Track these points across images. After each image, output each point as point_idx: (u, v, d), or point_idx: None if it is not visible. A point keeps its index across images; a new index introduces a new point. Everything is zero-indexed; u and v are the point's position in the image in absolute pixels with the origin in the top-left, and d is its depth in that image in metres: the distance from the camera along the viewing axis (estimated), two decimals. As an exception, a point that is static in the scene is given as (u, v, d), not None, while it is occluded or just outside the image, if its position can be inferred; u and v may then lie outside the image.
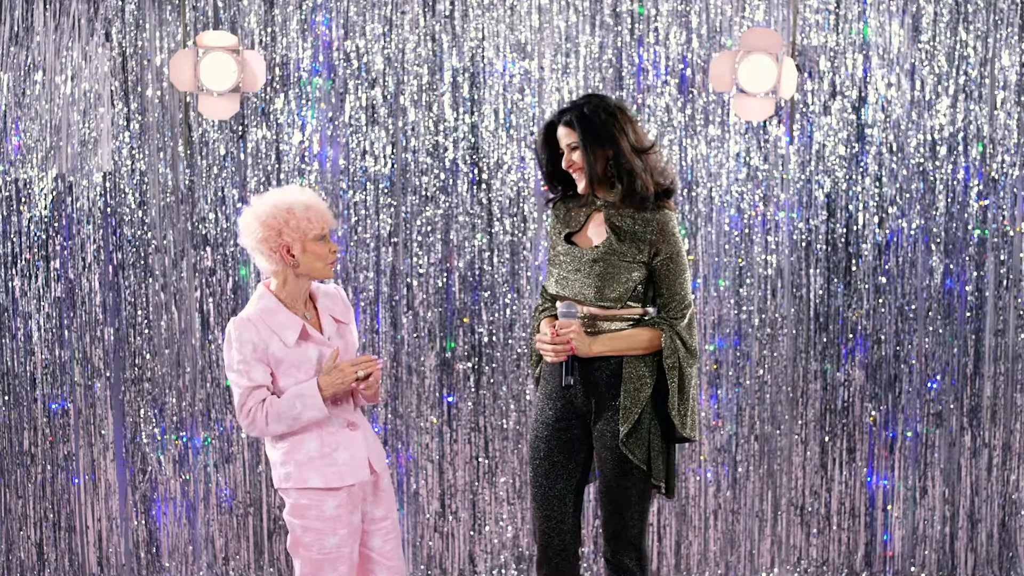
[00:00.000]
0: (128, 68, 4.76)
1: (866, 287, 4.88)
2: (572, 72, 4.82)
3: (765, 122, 4.79)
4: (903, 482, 4.97)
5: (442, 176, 4.86)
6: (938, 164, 4.84)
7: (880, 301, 4.89)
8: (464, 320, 4.91)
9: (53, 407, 4.84)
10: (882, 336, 4.90)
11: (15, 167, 4.74)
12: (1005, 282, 4.86)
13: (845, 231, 4.88)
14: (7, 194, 4.75)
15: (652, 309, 3.46)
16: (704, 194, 4.86)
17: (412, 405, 4.94)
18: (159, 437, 4.91)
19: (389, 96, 4.82)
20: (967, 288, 4.87)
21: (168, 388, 4.89)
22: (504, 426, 4.95)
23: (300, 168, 4.83)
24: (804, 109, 4.83)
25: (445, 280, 4.90)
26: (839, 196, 4.86)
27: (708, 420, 4.94)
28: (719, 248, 4.88)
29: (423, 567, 5.00)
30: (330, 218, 3.30)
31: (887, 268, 4.88)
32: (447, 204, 4.87)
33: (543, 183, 3.59)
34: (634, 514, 3.45)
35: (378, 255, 4.88)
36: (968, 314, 4.88)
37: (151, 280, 4.85)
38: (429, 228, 4.88)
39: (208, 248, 4.84)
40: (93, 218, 4.80)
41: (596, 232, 3.47)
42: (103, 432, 4.88)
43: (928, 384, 4.93)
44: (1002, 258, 4.85)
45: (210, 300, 4.86)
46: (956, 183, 4.85)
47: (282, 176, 4.82)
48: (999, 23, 4.76)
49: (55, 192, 4.77)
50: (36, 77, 4.70)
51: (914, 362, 4.91)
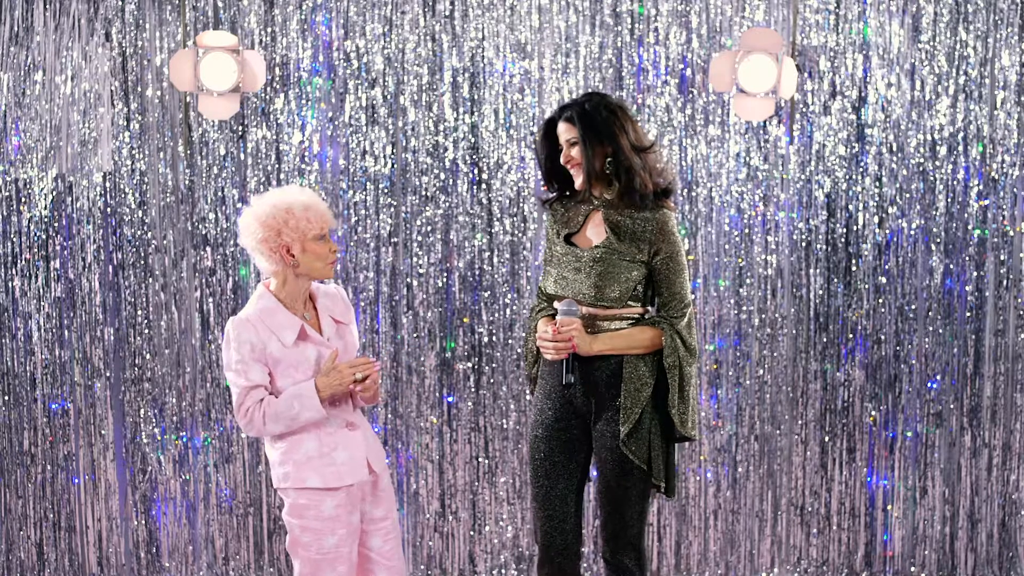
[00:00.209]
0: (128, 68, 4.76)
1: (866, 287, 4.88)
2: (572, 72, 4.82)
3: (765, 122, 4.79)
4: (903, 482, 4.97)
5: (442, 176, 4.86)
6: (938, 164, 4.84)
7: (880, 301, 4.89)
8: (464, 320, 4.91)
9: (53, 407, 4.84)
10: (882, 336, 4.90)
11: (15, 167, 4.74)
12: (1005, 282, 4.86)
13: (845, 231, 4.88)
14: (7, 194, 4.75)
15: (652, 309, 3.46)
16: (704, 194, 4.86)
17: (412, 405, 4.94)
18: (159, 437, 4.91)
19: (389, 96, 4.82)
20: (967, 288, 4.87)
21: (168, 388, 4.88)
22: (504, 426, 4.95)
23: (300, 168, 4.83)
24: (804, 109, 4.83)
25: (445, 280, 4.90)
26: (839, 196, 4.86)
27: (708, 420, 4.94)
28: (719, 248, 4.88)
29: (423, 567, 5.00)
30: (330, 218, 3.30)
31: (887, 268, 4.88)
32: (447, 204, 4.86)
33: (542, 182, 3.60)
34: (633, 514, 3.45)
35: (378, 255, 4.88)
36: (968, 314, 4.88)
37: (151, 280, 4.85)
38: (429, 228, 4.88)
39: (208, 248, 4.84)
40: (93, 218, 4.80)
41: (595, 232, 3.47)
42: (103, 432, 4.88)
43: (928, 384, 4.93)
44: (1002, 258, 4.85)
45: (210, 300, 4.86)
46: (956, 183, 4.85)
47: (282, 176, 4.82)
48: (999, 23, 4.76)
49: (55, 192, 4.77)
50: (36, 77, 4.70)
51: (914, 362, 4.91)
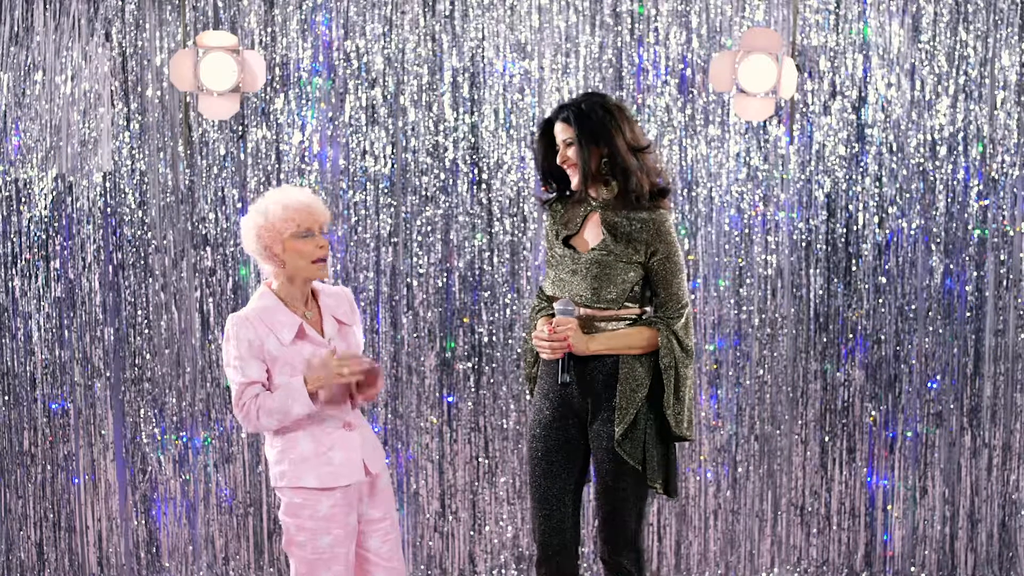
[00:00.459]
0: (128, 68, 4.76)
1: (866, 287, 4.88)
2: (572, 72, 4.82)
3: (765, 122, 4.79)
4: (903, 482, 4.97)
5: (442, 176, 4.86)
6: (938, 164, 4.84)
7: (880, 301, 4.89)
8: (464, 320, 4.91)
9: (53, 407, 4.84)
10: (882, 336, 4.90)
11: (15, 167, 4.74)
12: (1005, 282, 4.86)
13: (845, 231, 4.87)
14: (7, 194, 4.75)
15: (650, 309, 3.46)
16: (704, 194, 4.86)
17: (412, 405, 4.94)
18: (159, 437, 4.91)
19: (389, 96, 4.82)
20: (967, 288, 4.87)
21: (168, 388, 4.88)
22: (504, 426, 4.95)
23: (300, 168, 4.83)
24: (804, 109, 4.83)
25: (445, 280, 4.90)
26: (839, 196, 4.86)
27: (708, 420, 4.94)
28: (719, 248, 4.88)
29: (423, 567, 5.00)
30: (313, 215, 3.25)
31: (887, 268, 4.87)
32: (447, 204, 4.86)
33: (541, 182, 3.60)
34: (631, 515, 3.44)
35: (378, 255, 4.88)
36: (968, 314, 4.88)
37: (151, 280, 4.85)
38: (429, 228, 4.88)
39: (208, 248, 4.84)
40: (93, 218, 4.80)
41: (592, 234, 3.47)
42: (103, 432, 4.88)
43: (928, 384, 4.93)
44: (1002, 258, 4.85)
45: (210, 300, 4.86)
46: (956, 183, 4.85)
47: (282, 176, 4.82)
48: (999, 23, 4.76)
49: (55, 192, 4.77)
50: (36, 77, 4.70)
51: (914, 362, 4.91)
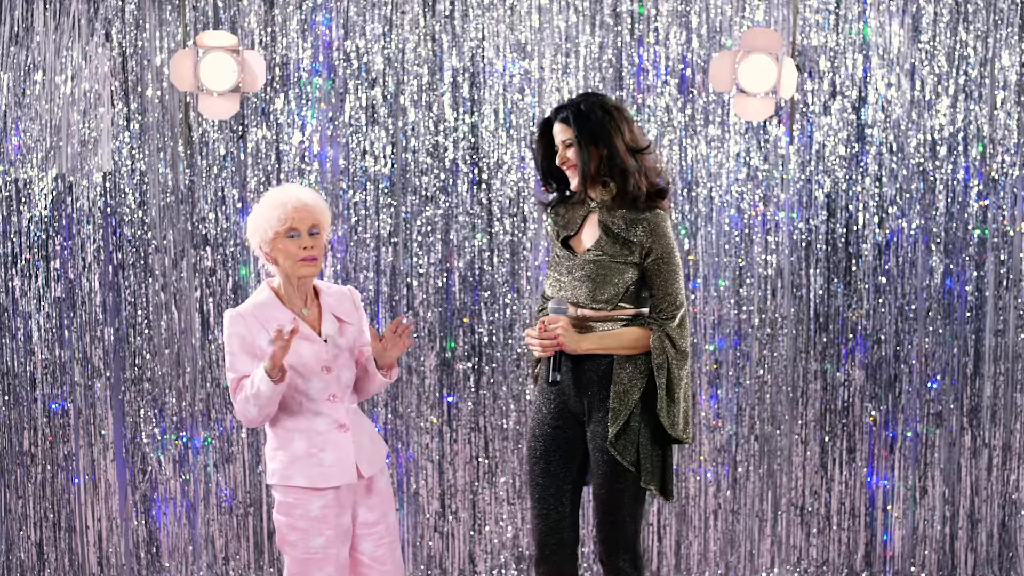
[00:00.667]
0: (128, 68, 4.76)
1: (866, 287, 4.88)
2: (572, 72, 4.82)
3: (765, 122, 4.79)
4: (903, 482, 4.97)
5: (442, 176, 4.86)
6: (938, 164, 4.84)
7: (880, 301, 4.89)
8: (464, 320, 4.91)
9: (53, 407, 4.84)
10: (882, 336, 4.90)
11: (15, 167, 4.74)
12: (1005, 282, 4.86)
13: (845, 231, 4.87)
14: (7, 194, 4.75)
15: (646, 310, 3.45)
16: (704, 194, 4.86)
17: (412, 405, 4.94)
18: (159, 437, 4.91)
19: (389, 96, 4.82)
20: (967, 288, 4.87)
21: (168, 388, 4.89)
22: (504, 426, 4.95)
23: (300, 168, 4.83)
24: (804, 109, 4.83)
25: (445, 280, 4.90)
26: (839, 196, 4.86)
27: (708, 420, 4.94)
28: (719, 248, 4.88)
29: (423, 567, 5.00)
30: (299, 214, 3.23)
31: (887, 268, 4.87)
32: (447, 204, 4.86)
33: (541, 184, 3.60)
34: (627, 516, 3.43)
35: (378, 255, 4.88)
36: (968, 314, 4.88)
37: (151, 280, 4.85)
38: (429, 228, 4.88)
39: (208, 248, 4.84)
40: (93, 218, 4.80)
41: (590, 235, 3.46)
42: (103, 432, 4.88)
43: (928, 384, 4.93)
44: (1002, 258, 4.85)
45: (210, 300, 4.86)
46: (956, 183, 4.85)
47: (282, 176, 4.82)
48: (999, 23, 4.76)
49: (55, 192, 4.77)
50: (36, 77, 4.70)
51: (914, 362, 4.91)
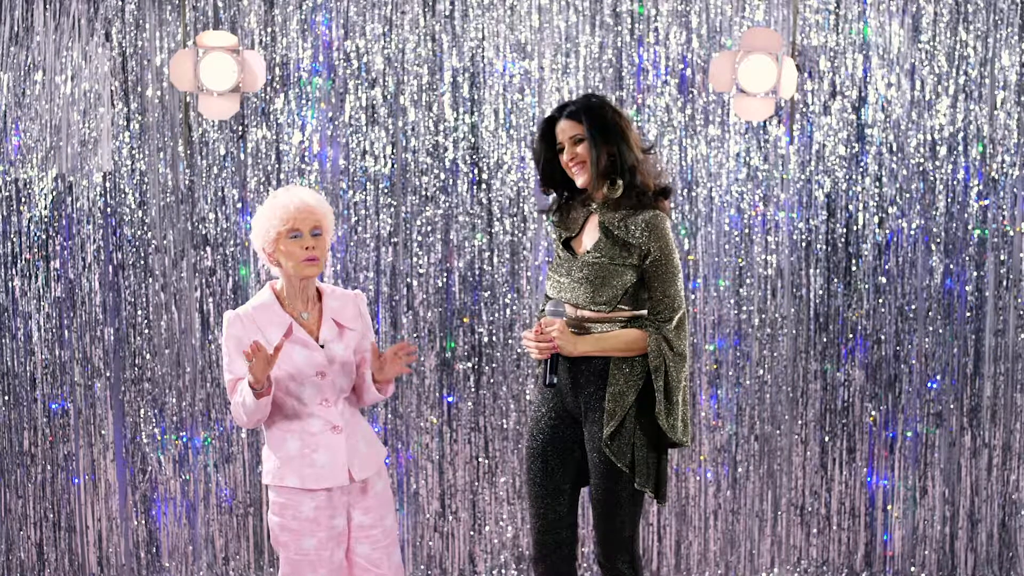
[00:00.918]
0: (128, 68, 4.76)
1: (866, 287, 4.88)
2: (572, 72, 4.82)
3: (765, 122, 4.79)
4: (903, 482, 4.97)
5: (442, 176, 4.86)
6: (938, 164, 4.84)
7: (880, 301, 4.89)
8: (464, 320, 4.91)
9: (53, 407, 4.84)
10: (882, 336, 4.90)
11: (15, 167, 4.74)
12: (1005, 282, 4.86)
13: (845, 231, 4.87)
14: (7, 194, 4.75)
15: (645, 312, 3.44)
16: (704, 194, 4.86)
17: (412, 405, 4.94)
18: (159, 437, 4.91)
19: (389, 96, 4.82)
20: (967, 288, 4.87)
21: (168, 388, 4.89)
22: (504, 426, 4.95)
23: (300, 168, 4.83)
24: (804, 109, 4.83)
25: (445, 280, 4.90)
26: (839, 196, 4.86)
27: (708, 420, 4.94)
28: (719, 248, 4.88)
29: (423, 567, 5.00)
30: (302, 215, 3.24)
31: (887, 268, 4.87)
32: (447, 204, 4.86)
33: (539, 184, 3.58)
34: (625, 517, 3.43)
35: (378, 255, 4.88)
36: (968, 314, 4.88)
37: (151, 280, 4.85)
38: (429, 228, 4.88)
39: (208, 248, 4.84)
40: (93, 218, 4.80)
41: (590, 236, 3.46)
42: (103, 432, 4.88)
43: (928, 384, 4.93)
44: (1002, 258, 4.85)
45: (210, 300, 4.86)
46: (956, 183, 4.85)
47: (282, 176, 4.82)
48: (999, 23, 4.76)
49: (55, 192, 4.77)
50: (36, 77, 4.70)
51: (914, 362, 4.91)
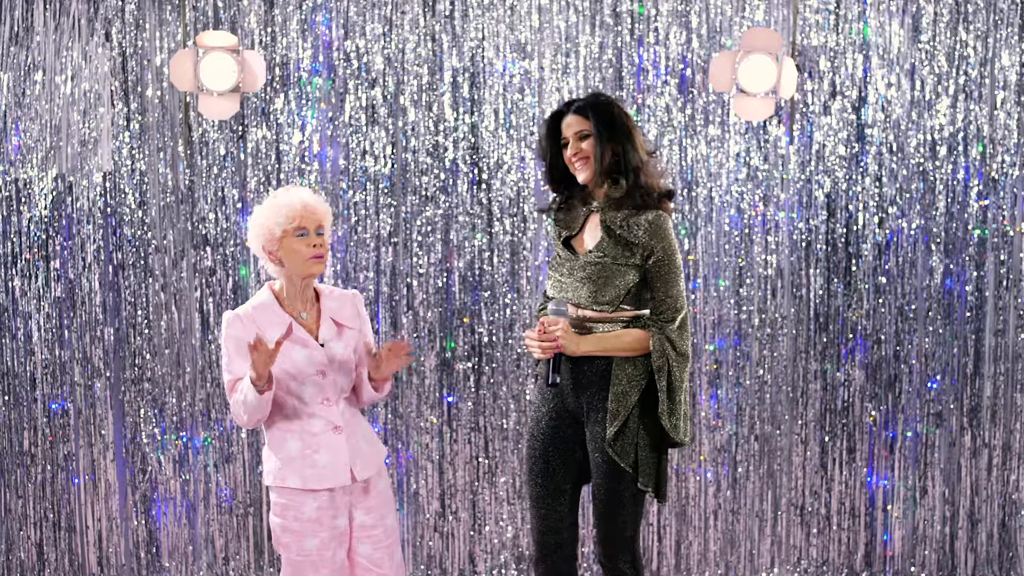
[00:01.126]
0: (128, 68, 4.76)
1: (866, 287, 4.88)
2: (572, 72, 4.82)
3: (765, 122, 4.79)
4: (903, 482, 4.97)
5: (442, 176, 4.86)
6: (938, 164, 4.84)
7: (880, 301, 4.89)
8: (464, 320, 4.91)
9: (53, 407, 4.84)
10: (882, 336, 4.90)
11: (15, 167, 4.74)
12: (1005, 282, 4.86)
13: (845, 231, 4.87)
14: (7, 194, 4.75)
15: (647, 312, 3.45)
16: (704, 194, 4.86)
17: (412, 405, 4.94)
18: (159, 437, 4.91)
19: (389, 96, 4.82)
20: (967, 288, 4.87)
21: (168, 388, 4.88)
22: (504, 426, 4.95)
23: (300, 168, 4.83)
24: (804, 109, 4.83)
25: (445, 280, 4.90)
26: (839, 196, 4.86)
27: (708, 420, 4.94)
28: (719, 248, 4.88)
29: (423, 567, 5.00)
30: (307, 214, 3.25)
31: (887, 268, 4.87)
32: (447, 204, 4.86)
33: (543, 181, 3.58)
34: (626, 517, 3.43)
35: (378, 255, 4.88)
36: (968, 314, 4.88)
37: (151, 280, 4.85)
38: (429, 228, 4.88)
39: (208, 248, 4.84)
40: (93, 218, 4.80)
41: (592, 236, 3.46)
42: (103, 432, 4.88)
43: (928, 384, 4.93)
44: (1002, 258, 4.85)
45: (210, 300, 4.86)
46: (956, 183, 4.85)
47: (282, 176, 4.82)
48: (999, 23, 4.76)
49: (55, 192, 4.77)
50: (36, 77, 4.70)
51: (914, 362, 4.91)
